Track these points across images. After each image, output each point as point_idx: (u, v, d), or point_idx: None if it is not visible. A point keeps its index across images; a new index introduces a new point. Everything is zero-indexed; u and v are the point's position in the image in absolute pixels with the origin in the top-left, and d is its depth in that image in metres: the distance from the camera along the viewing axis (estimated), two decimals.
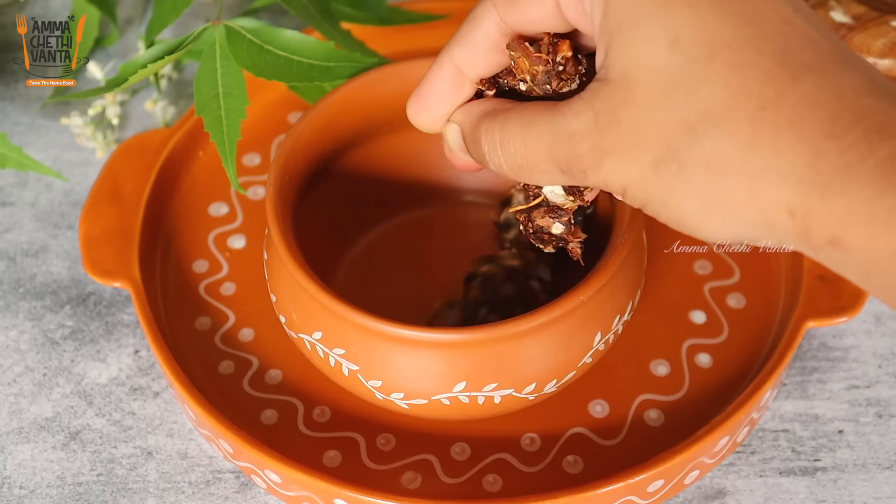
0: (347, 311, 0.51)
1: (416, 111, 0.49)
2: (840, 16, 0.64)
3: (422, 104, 0.49)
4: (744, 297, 0.62)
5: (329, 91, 0.60)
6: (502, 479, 0.56)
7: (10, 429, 0.60)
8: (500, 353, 0.51)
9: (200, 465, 0.58)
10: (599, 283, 0.52)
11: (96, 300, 0.65)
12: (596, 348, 0.53)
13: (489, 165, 0.47)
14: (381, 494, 0.53)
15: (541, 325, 0.51)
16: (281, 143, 0.57)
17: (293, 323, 0.54)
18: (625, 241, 0.52)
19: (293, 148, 0.57)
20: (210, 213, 0.67)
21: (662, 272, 0.62)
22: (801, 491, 0.57)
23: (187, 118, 0.67)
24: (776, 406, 0.60)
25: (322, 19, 0.66)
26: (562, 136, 0.43)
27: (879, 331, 0.63)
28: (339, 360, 0.53)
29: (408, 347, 0.51)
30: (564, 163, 0.43)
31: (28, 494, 0.57)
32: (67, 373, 0.62)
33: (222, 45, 0.62)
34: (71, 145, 0.72)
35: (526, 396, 0.53)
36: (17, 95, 0.75)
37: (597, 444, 0.57)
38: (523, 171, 0.45)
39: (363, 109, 0.60)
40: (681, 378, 0.59)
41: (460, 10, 0.73)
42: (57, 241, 0.67)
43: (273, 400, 0.59)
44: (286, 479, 0.54)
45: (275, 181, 0.55)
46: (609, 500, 0.54)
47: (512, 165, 0.45)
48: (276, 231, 0.53)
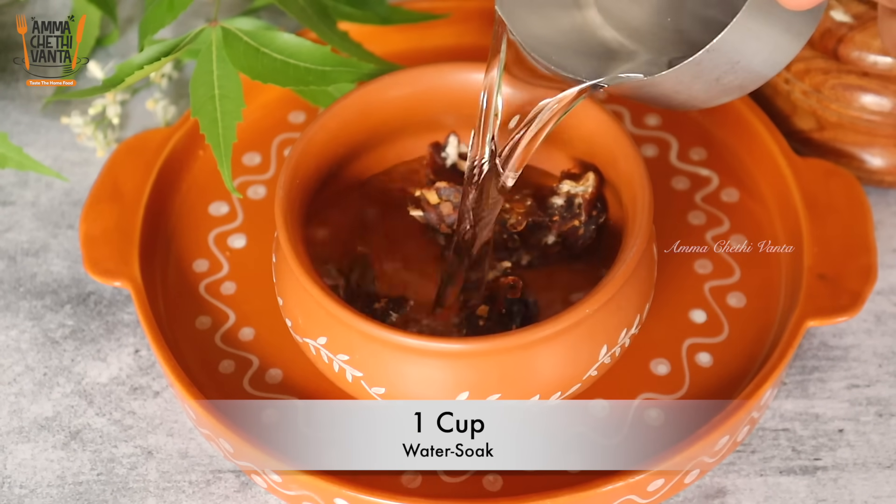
0: (352, 318, 0.51)
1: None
2: (840, 15, 0.64)
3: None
4: (744, 297, 0.62)
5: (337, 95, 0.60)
6: (502, 479, 0.56)
7: (10, 428, 0.60)
8: (504, 364, 0.51)
9: (201, 464, 0.58)
10: (607, 295, 0.52)
11: (96, 300, 0.65)
12: (602, 361, 0.53)
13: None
14: (381, 494, 0.53)
15: (546, 337, 0.51)
16: (292, 146, 0.57)
17: (299, 327, 0.54)
18: (634, 253, 0.52)
19: (304, 151, 0.57)
20: (210, 213, 0.67)
21: (662, 272, 0.62)
22: (801, 490, 0.57)
23: (187, 118, 0.67)
24: (776, 405, 0.60)
25: (319, 21, 0.66)
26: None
27: (880, 330, 0.63)
28: (344, 365, 0.53)
29: (411, 356, 0.51)
30: None
31: (28, 494, 0.57)
32: (68, 372, 0.62)
33: (219, 47, 0.62)
34: (71, 145, 0.72)
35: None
36: (17, 95, 0.75)
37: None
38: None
39: (376, 114, 0.60)
40: (681, 377, 0.59)
41: (460, 9, 0.73)
42: (57, 240, 0.67)
43: (273, 399, 0.59)
44: (286, 478, 0.54)
45: (284, 184, 0.55)
46: (609, 500, 0.54)
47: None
48: (283, 235, 0.54)
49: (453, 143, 0.61)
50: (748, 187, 0.67)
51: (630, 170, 0.56)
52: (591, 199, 0.58)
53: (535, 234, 0.58)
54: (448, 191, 0.58)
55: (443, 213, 0.58)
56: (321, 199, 0.60)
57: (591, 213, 0.58)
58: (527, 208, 0.58)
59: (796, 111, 0.68)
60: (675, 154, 0.68)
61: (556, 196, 0.59)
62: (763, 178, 0.66)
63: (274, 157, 0.69)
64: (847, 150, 0.67)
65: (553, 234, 0.58)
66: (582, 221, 0.57)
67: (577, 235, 0.57)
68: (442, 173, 0.60)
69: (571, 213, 0.58)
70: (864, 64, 0.64)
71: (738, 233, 0.65)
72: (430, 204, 0.58)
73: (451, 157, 0.61)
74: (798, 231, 0.62)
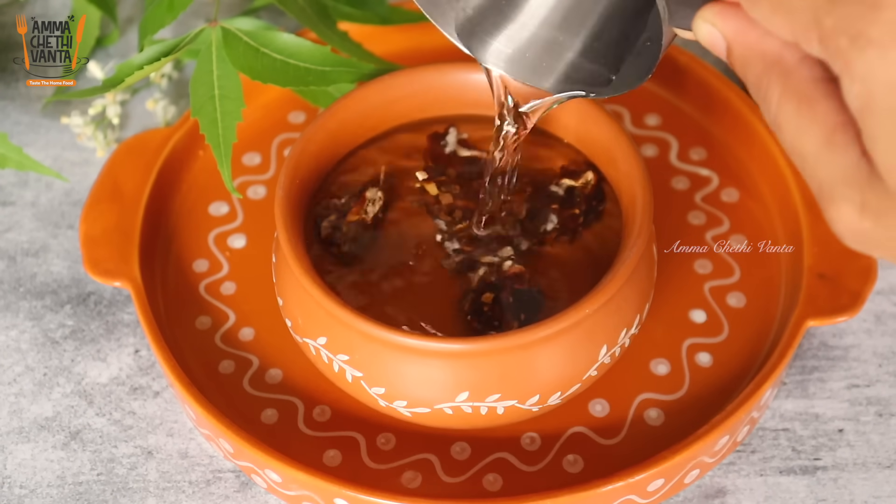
0: (352, 318, 0.51)
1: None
2: None
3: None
4: (744, 297, 0.62)
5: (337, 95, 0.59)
6: (502, 479, 0.56)
7: (10, 428, 0.60)
8: (504, 364, 0.51)
9: (201, 464, 0.58)
10: (606, 295, 0.52)
11: (96, 300, 0.65)
12: (601, 361, 0.53)
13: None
14: (381, 494, 0.53)
15: (546, 337, 0.51)
16: (292, 146, 0.57)
17: (299, 327, 0.54)
18: (633, 253, 0.52)
19: (304, 151, 0.57)
20: (210, 213, 0.67)
21: (662, 272, 0.62)
22: (801, 490, 0.57)
23: (187, 118, 0.67)
24: (776, 405, 0.60)
25: (318, 21, 0.66)
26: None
27: (879, 330, 0.63)
28: (343, 366, 0.53)
29: (411, 356, 0.51)
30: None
31: (28, 494, 0.57)
32: (68, 372, 0.62)
33: (219, 47, 0.62)
34: (71, 145, 0.72)
35: (529, 408, 0.53)
36: (17, 95, 0.75)
37: (597, 444, 0.57)
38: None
39: (376, 114, 0.60)
40: (681, 377, 0.59)
41: None
42: (57, 240, 0.67)
43: (273, 399, 0.59)
44: (286, 478, 0.54)
45: (284, 184, 0.55)
46: (609, 500, 0.54)
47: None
48: (283, 235, 0.54)
49: (453, 133, 0.61)
50: (748, 187, 0.67)
51: (630, 170, 0.56)
52: (590, 193, 0.58)
53: (534, 220, 0.58)
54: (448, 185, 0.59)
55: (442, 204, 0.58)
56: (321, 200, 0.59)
57: (591, 203, 0.58)
58: (526, 196, 0.58)
59: None
60: (675, 154, 0.68)
61: (556, 187, 0.59)
62: (763, 178, 0.66)
63: (274, 157, 0.69)
64: None
65: (553, 221, 0.58)
66: (581, 210, 0.57)
67: (576, 223, 0.57)
68: (441, 160, 0.60)
69: (571, 203, 0.58)
70: None
71: (738, 233, 0.65)
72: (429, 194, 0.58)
73: (451, 144, 0.60)
74: (798, 231, 0.62)
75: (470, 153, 0.60)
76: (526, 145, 0.57)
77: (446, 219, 0.58)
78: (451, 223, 0.57)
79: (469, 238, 0.57)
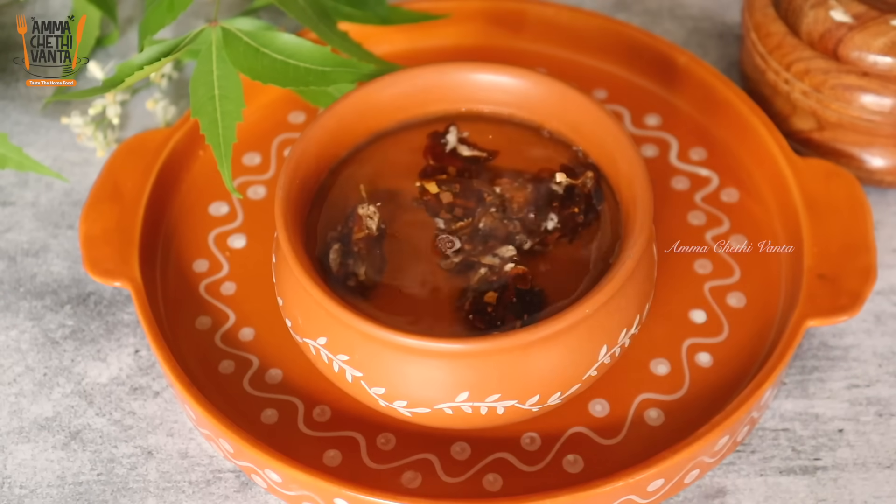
0: (351, 318, 0.51)
1: None
2: (840, 15, 0.64)
3: None
4: (744, 297, 0.62)
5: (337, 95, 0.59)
6: (502, 479, 0.56)
7: (10, 428, 0.60)
8: (504, 364, 0.51)
9: (201, 464, 0.58)
10: (606, 296, 0.52)
11: (96, 300, 0.65)
12: (601, 361, 0.53)
13: None
14: (381, 494, 0.53)
15: (546, 337, 0.51)
16: (292, 146, 0.57)
17: (299, 327, 0.54)
18: (633, 253, 0.52)
19: (304, 151, 0.57)
20: (210, 213, 0.67)
21: (662, 272, 0.62)
22: (801, 490, 0.57)
23: (187, 118, 0.67)
24: (776, 405, 0.60)
25: (319, 21, 0.66)
26: None
27: (879, 330, 0.63)
28: (343, 366, 0.53)
29: (411, 356, 0.51)
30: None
31: (28, 494, 0.57)
32: (68, 372, 0.62)
33: (219, 47, 0.62)
34: (71, 145, 0.72)
35: (529, 408, 0.53)
36: (17, 95, 0.75)
37: (597, 444, 0.57)
38: None
39: (376, 114, 0.60)
40: (681, 377, 0.59)
41: (460, 9, 0.73)
42: (57, 240, 0.67)
43: (273, 399, 0.59)
44: (286, 478, 0.54)
45: (284, 185, 0.55)
46: (609, 500, 0.54)
47: None
48: (283, 235, 0.54)
49: (453, 132, 0.61)
50: (748, 187, 0.67)
51: (630, 170, 0.56)
52: (589, 192, 0.58)
53: (534, 218, 0.58)
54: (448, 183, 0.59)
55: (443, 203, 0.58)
56: (322, 199, 0.59)
57: (591, 202, 0.58)
58: (526, 194, 0.58)
59: (796, 111, 0.68)
60: (675, 154, 0.68)
61: (556, 186, 0.59)
62: (763, 178, 0.66)
63: (274, 157, 0.69)
64: (847, 150, 0.67)
65: (553, 219, 0.58)
66: (581, 209, 0.57)
67: (576, 222, 0.57)
68: (442, 158, 0.60)
69: (571, 201, 0.58)
70: (864, 64, 0.64)
71: (738, 233, 0.65)
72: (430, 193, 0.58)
73: (451, 142, 0.60)
74: (798, 231, 0.62)
75: (470, 152, 0.60)
76: (526, 145, 0.58)
77: (446, 217, 0.58)
78: (451, 221, 0.57)
79: (469, 236, 0.57)
